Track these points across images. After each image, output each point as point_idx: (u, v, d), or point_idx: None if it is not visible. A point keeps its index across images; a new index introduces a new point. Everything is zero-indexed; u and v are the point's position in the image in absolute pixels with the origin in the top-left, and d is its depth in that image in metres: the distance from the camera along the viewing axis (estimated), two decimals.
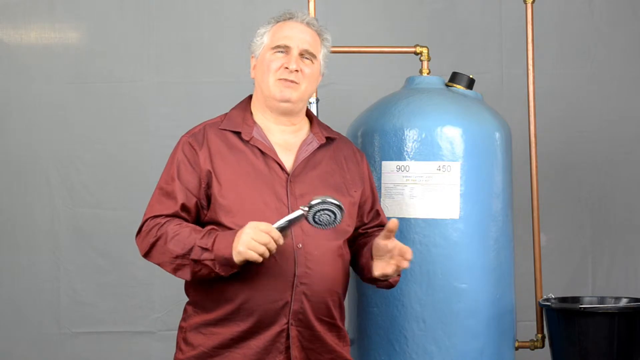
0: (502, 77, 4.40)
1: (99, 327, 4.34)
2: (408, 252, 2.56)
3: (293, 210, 2.51)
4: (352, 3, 4.42)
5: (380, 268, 2.59)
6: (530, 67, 3.44)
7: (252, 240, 2.39)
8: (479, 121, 3.10)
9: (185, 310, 2.66)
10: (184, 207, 2.56)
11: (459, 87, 3.24)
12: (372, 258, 2.62)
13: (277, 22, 2.70)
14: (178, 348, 2.64)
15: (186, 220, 2.57)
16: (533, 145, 3.44)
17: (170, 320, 4.28)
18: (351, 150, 2.80)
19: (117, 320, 4.35)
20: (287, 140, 2.68)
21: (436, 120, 3.04)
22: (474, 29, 4.42)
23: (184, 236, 2.49)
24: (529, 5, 3.46)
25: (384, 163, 3.06)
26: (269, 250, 2.41)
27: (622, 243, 4.46)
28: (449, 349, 3.01)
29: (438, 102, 3.11)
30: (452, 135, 3.03)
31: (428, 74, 3.31)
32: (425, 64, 3.33)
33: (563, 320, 3.20)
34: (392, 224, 2.52)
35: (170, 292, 4.16)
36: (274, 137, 2.66)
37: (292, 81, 2.62)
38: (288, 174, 2.61)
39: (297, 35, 2.65)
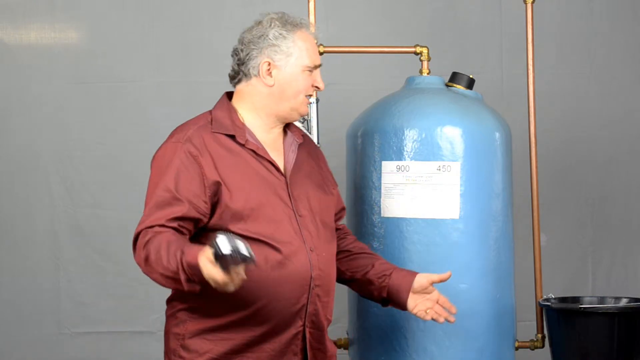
0: (502, 77, 4.40)
1: (99, 327, 4.34)
2: (449, 307, 2.74)
3: (298, 213, 2.54)
4: (352, 3, 4.42)
5: (420, 305, 2.71)
6: (530, 67, 3.44)
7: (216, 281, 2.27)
8: (479, 121, 3.10)
9: (175, 316, 2.58)
10: (177, 218, 2.45)
11: (459, 87, 3.23)
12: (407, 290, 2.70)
13: (295, 30, 2.57)
14: (177, 356, 2.53)
15: (180, 231, 2.45)
16: (533, 145, 3.44)
17: None
18: (314, 146, 2.79)
19: (117, 320, 4.35)
20: (272, 139, 2.61)
21: (436, 120, 3.04)
22: (474, 29, 4.42)
23: (164, 260, 2.40)
24: (529, 5, 3.46)
25: (384, 163, 3.06)
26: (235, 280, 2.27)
27: (622, 243, 4.46)
28: (448, 349, 3.00)
29: (438, 102, 3.11)
30: (452, 135, 3.03)
31: (428, 74, 3.31)
32: (425, 64, 3.33)
33: (563, 320, 3.19)
34: (447, 276, 2.70)
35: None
36: (261, 136, 2.59)
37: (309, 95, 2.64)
38: (285, 176, 2.58)
39: (317, 50, 2.64)
